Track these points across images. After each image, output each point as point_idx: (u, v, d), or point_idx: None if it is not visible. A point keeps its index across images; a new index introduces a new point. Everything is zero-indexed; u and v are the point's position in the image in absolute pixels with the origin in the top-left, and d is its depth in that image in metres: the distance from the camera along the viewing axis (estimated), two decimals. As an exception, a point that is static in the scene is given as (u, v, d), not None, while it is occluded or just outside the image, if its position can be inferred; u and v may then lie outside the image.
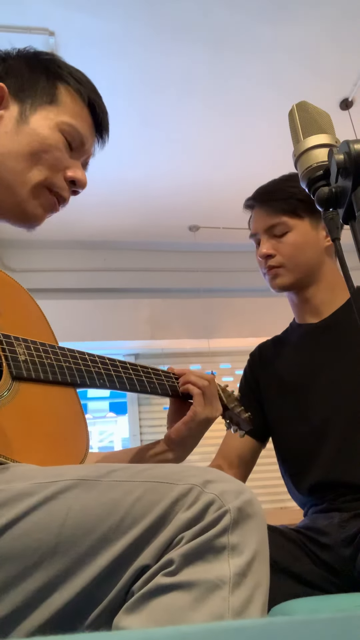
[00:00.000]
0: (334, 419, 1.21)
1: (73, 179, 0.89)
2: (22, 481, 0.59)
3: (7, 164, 0.83)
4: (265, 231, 1.35)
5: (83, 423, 0.80)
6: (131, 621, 0.51)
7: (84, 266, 4.08)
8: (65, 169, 0.88)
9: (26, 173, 0.84)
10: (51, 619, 0.53)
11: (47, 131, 0.85)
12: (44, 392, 0.78)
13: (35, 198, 0.86)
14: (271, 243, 1.35)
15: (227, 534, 0.53)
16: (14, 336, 0.78)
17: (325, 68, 2.78)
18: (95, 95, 0.93)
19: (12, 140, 0.84)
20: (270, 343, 1.49)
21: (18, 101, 0.86)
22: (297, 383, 1.31)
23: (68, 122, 0.87)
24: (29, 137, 0.84)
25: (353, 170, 0.57)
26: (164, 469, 0.60)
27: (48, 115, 0.86)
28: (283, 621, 0.32)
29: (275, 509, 3.50)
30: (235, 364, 4.26)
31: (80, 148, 0.91)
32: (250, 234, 1.42)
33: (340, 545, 1.11)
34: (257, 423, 1.37)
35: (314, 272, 1.34)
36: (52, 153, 0.86)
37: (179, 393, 1.00)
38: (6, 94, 0.85)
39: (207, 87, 2.83)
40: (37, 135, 0.85)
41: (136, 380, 0.94)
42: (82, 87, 0.91)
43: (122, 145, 3.11)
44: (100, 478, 0.58)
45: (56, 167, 0.87)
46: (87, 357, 0.88)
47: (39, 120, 0.86)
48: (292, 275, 1.33)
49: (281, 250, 1.33)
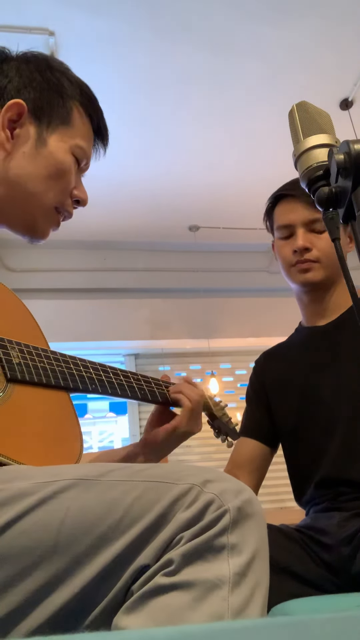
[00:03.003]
0: (342, 420, 1.21)
1: (78, 198, 0.93)
2: (21, 481, 0.59)
3: (25, 185, 0.86)
4: (304, 224, 1.31)
5: (77, 425, 0.81)
6: (130, 621, 0.51)
7: (84, 266, 4.09)
8: (73, 189, 0.92)
9: (42, 196, 0.87)
10: (51, 618, 0.53)
11: (62, 155, 0.88)
12: (37, 395, 0.79)
13: (47, 219, 0.90)
14: (309, 237, 1.31)
15: (227, 534, 0.53)
16: (8, 339, 0.79)
17: (325, 68, 2.78)
18: (101, 114, 0.96)
19: (30, 163, 0.86)
20: (274, 349, 1.48)
21: (35, 120, 0.88)
22: (305, 384, 1.31)
23: (80, 145, 0.91)
24: (47, 160, 0.87)
25: (353, 170, 0.57)
26: (164, 468, 0.60)
27: (63, 138, 0.89)
28: (283, 621, 0.32)
29: (275, 509, 3.50)
30: (235, 364, 4.26)
31: (85, 167, 0.95)
32: (282, 225, 1.35)
33: (340, 545, 1.11)
34: (267, 428, 1.37)
35: (338, 275, 1.34)
36: (67, 177, 0.89)
37: (168, 400, 1.01)
38: (25, 112, 0.86)
39: (207, 87, 2.83)
40: (55, 159, 0.87)
41: (127, 387, 0.95)
42: (91, 107, 0.94)
43: (122, 145, 3.11)
44: (100, 477, 0.58)
45: (67, 190, 0.90)
46: (78, 362, 0.89)
47: (55, 143, 0.88)
48: (324, 272, 1.31)
49: (319, 245, 1.30)
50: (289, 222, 1.33)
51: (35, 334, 0.88)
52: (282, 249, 1.35)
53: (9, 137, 0.85)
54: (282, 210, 1.36)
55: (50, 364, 0.83)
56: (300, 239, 1.30)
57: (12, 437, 0.70)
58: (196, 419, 1.00)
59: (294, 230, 1.32)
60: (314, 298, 1.36)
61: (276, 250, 1.39)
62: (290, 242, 1.33)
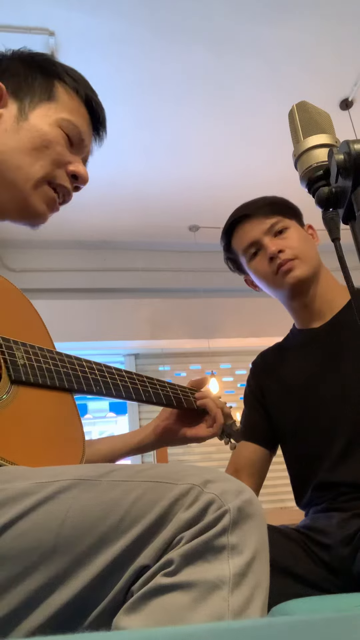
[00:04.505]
0: (341, 422, 1.21)
1: (75, 173, 0.90)
2: (21, 481, 0.59)
3: (9, 161, 0.84)
4: (265, 233, 1.34)
5: (80, 427, 0.81)
6: (131, 621, 0.51)
7: (83, 266, 4.09)
8: (67, 164, 0.89)
9: (28, 168, 0.85)
10: (51, 619, 0.53)
11: (47, 127, 0.86)
12: (41, 396, 0.79)
13: (39, 193, 0.87)
14: (275, 241, 1.33)
15: (227, 534, 0.53)
16: (14, 340, 0.78)
17: (325, 68, 2.78)
18: (91, 92, 0.94)
19: (12, 138, 0.84)
20: (271, 350, 1.48)
21: (16, 99, 0.87)
22: (303, 388, 1.30)
23: (67, 118, 0.88)
24: (29, 133, 0.85)
25: (353, 170, 0.57)
26: (164, 468, 0.60)
27: (47, 112, 0.87)
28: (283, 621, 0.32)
29: (275, 509, 3.50)
30: (235, 364, 4.26)
31: (80, 144, 0.91)
32: (246, 246, 1.36)
33: (340, 545, 1.11)
34: (266, 431, 1.37)
35: (319, 269, 1.35)
36: (54, 148, 0.86)
37: (172, 402, 1.03)
38: (4, 92, 0.86)
39: (207, 87, 2.83)
40: (37, 131, 0.85)
41: (132, 389, 0.95)
42: (78, 85, 0.92)
43: (122, 145, 3.11)
44: (100, 478, 0.58)
45: (58, 162, 0.88)
46: (84, 363, 0.89)
47: (38, 117, 0.86)
48: (307, 266, 1.31)
49: (289, 244, 1.32)
50: (252, 239, 1.35)
51: (41, 333, 0.87)
52: (258, 265, 1.36)
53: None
54: (240, 234, 1.39)
55: (55, 365, 0.83)
56: (270, 246, 1.32)
57: (16, 442, 0.70)
58: (215, 430, 1.09)
59: (260, 243, 1.34)
60: (303, 301, 1.36)
61: (253, 269, 1.38)
62: (262, 255, 1.35)
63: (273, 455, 1.40)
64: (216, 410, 1.06)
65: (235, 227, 1.39)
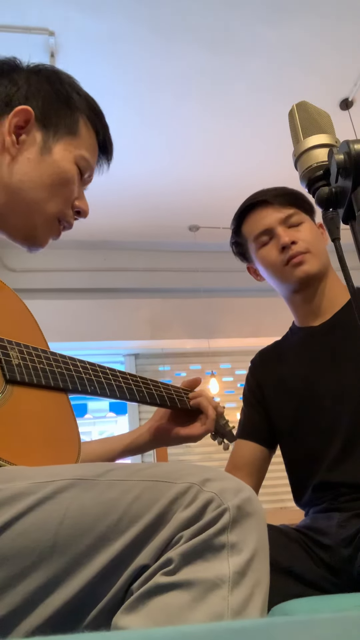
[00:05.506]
0: (341, 421, 1.21)
1: (79, 209, 0.93)
2: (19, 481, 0.59)
3: (27, 192, 0.86)
4: (281, 222, 1.32)
5: (75, 427, 0.81)
6: (130, 621, 0.51)
7: (84, 266, 4.09)
8: (74, 200, 0.92)
9: (44, 204, 0.87)
10: (50, 619, 0.53)
11: (68, 165, 0.88)
12: (36, 396, 0.79)
13: (48, 227, 0.91)
14: (290, 232, 1.31)
15: (226, 533, 0.53)
16: (8, 340, 0.78)
17: (325, 68, 2.78)
18: (106, 127, 0.97)
19: (35, 169, 0.86)
20: (270, 348, 1.47)
21: (41, 127, 0.88)
22: (302, 387, 1.30)
23: (85, 156, 0.91)
24: (51, 168, 0.87)
25: (353, 170, 0.57)
26: (163, 467, 0.60)
27: (68, 148, 0.89)
28: (283, 621, 0.32)
29: (275, 509, 3.50)
30: (235, 364, 4.26)
31: (87, 179, 0.95)
32: (259, 233, 1.33)
33: (340, 545, 1.11)
34: (265, 430, 1.37)
35: (327, 268, 1.34)
36: (69, 187, 0.89)
37: (166, 402, 1.04)
38: (32, 118, 0.86)
39: (207, 87, 2.83)
40: (59, 167, 0.87)
41: (126, 389, 0.96)
42: (97, 119, 0.94)
43: (122, 145, 3.10)
44: (98, 477, 0.58)
45: (69, 200, 0.91)
46: (78, 363, 0.89)
47: (60, 152, 0.88)
48: (318, 261, 1.30)
49: (302, 237, 1.30)
50: (266, 226, 1.33)
51: (35, 334, 0.88)
52: (268, 254, 1.33)
53: (15, 142, 0.85)
54: (254, 220, 1.36)
55: (50, 365, 0.83)
56: (284, 235, 1.30)
57: (11, 442, 0.70)
58: (208, 428, 1.09)
59: (274, 232, 1.32)
60: (306, 297, 1.34)
61: (260, 258, 1.36)
62: (273, 244, 1.32)
63: (272, 454, 1.39)
64: (208, 407, 1.07)
65: (250, 212, 1.36)
